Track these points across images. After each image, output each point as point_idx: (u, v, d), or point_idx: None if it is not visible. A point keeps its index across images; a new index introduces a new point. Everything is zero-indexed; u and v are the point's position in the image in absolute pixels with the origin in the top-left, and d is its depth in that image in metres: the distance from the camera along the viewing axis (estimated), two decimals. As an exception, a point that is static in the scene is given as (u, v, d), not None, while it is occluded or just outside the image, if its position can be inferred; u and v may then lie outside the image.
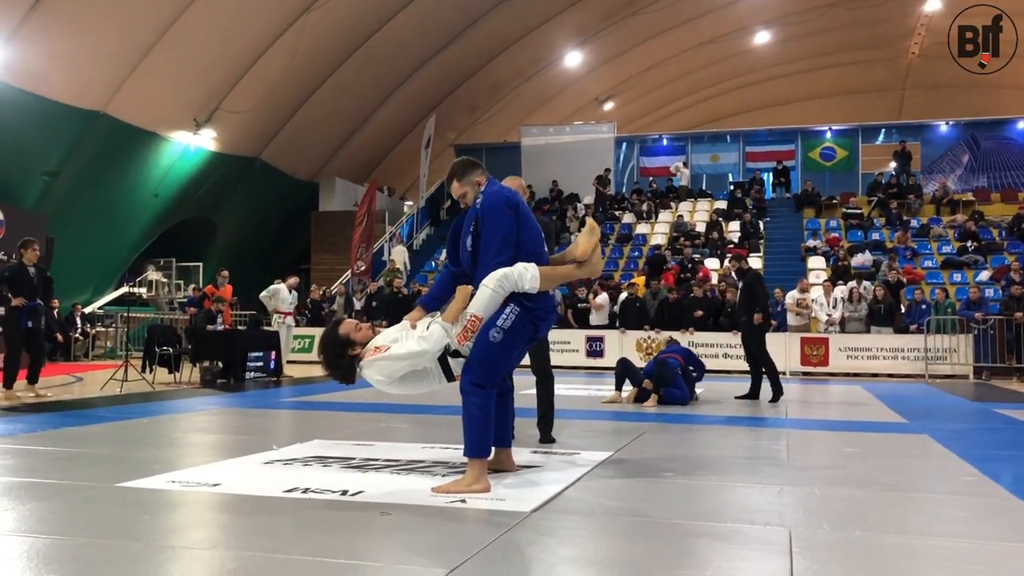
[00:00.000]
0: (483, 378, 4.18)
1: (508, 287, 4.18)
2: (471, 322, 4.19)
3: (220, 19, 17.46)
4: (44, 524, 3.54)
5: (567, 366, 16.65)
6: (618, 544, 3.36)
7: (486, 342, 4.19)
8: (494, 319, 4.20)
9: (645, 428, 7.01)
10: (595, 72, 29.38)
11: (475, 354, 4.21)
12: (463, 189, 4.48)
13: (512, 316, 4.21)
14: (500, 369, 4.30)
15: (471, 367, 4.20)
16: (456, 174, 4.51)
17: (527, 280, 4.19)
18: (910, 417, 8.37)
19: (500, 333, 4.18)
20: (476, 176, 4.48)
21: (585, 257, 4.50)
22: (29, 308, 9.44)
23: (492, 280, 4.17)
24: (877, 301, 16.28)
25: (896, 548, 3.35)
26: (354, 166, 26.73)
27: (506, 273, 4.18)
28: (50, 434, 6.33)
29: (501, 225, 4.27)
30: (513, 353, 4.34)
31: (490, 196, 4.35)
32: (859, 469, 5.28)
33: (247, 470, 4.81)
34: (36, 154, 16.74)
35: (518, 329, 4.23)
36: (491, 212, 4.29)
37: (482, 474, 4.18)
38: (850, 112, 29.59)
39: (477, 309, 4.19)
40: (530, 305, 4.26)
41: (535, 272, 4.23)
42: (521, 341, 4.32)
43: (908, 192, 22.51)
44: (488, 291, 4.16)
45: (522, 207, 4.40)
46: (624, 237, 22.78)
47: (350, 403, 9.10)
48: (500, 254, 4.24)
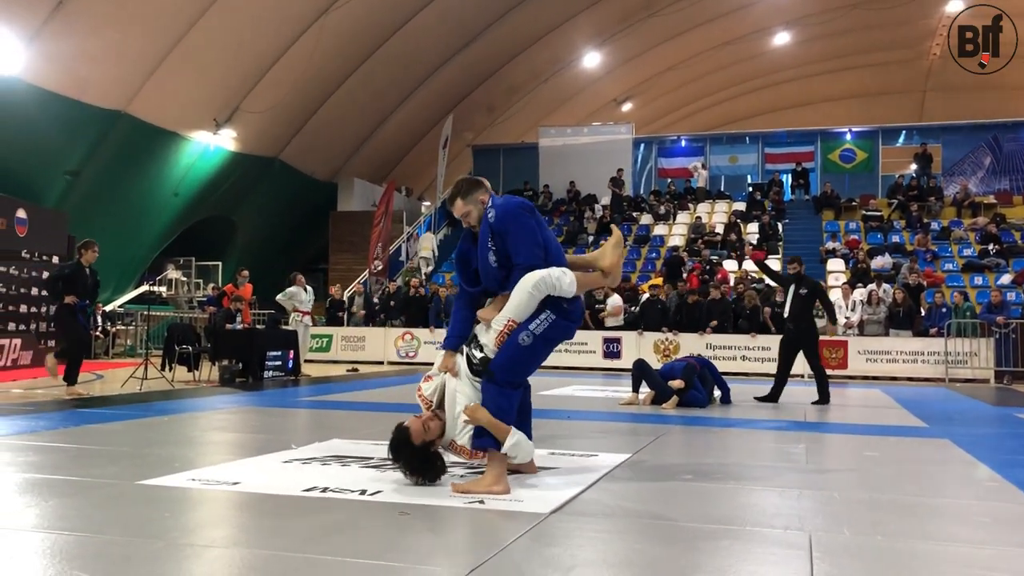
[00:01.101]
0: (504, 379, 4.17)
1: (545, 289, 4.14)
2: (507, 326, 4.17)
3: (240, 20, 17.56)
4: (66, 521, 3.56)
5: (584, 367, 16.64)
6: (637, 547, 3.35)
7: (515, 345, 4.16)
8: (527, 323, 4.17)
9: (663, 431, 6.99)
10: (613, 73, 29.33)
11: (501, 355, 4.18)
12: (467, 208, 4.39)
13: (547, 323, 4.17)
14: (523, 373, 4.30)
15: (495, 367, 4.18)
16: (460, 192, 4.43)
17: (565, 283, 4.16)
18: (931, 421, 8.30)
19: (530, 337, 4.15)
20: (480, 195, 4.40)
21: (612, 269, 4.51)
22: (79, 307, 9.58)
23: (529, 283, 4.13)
24: (896, 304, 16.16)
25: (918, 554, 3.32)
26: (372, 166, 26.81)
27: (544, 276, 4.14)
28: (71, 431, 6.38)
29: (525, 228, 4.24)
30: (540, 358, 4.32)
31: (503, 205, 4.32)
32: (879, 473, 5.24)
33: (266, 469, 4.83)
34: (58, 153, 16.89)
35: (549, 336, 4.21)
36: (511, 218, 4.26)
37: (502, 475, 4.17)
38: (870, 114, 29.40)
39: (513, 313, 4.16)
40: (567, 308, 4.23)
41: (572, 276, 4.21)
42: (550, 348, 4.30)
43: (929, 194, 22.35)
44: (526, 294, 4.13)
45: (536, 212, 4.40)
46: (642, 238, 22.73)
47: (368, 403, 9.13)
48: (532, 256, 4.21)
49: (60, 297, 9.48)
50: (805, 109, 32.61)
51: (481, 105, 27.75)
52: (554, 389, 11.59)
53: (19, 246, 14.38)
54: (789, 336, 10.20)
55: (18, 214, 14.40)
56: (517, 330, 4.17)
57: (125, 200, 19.00)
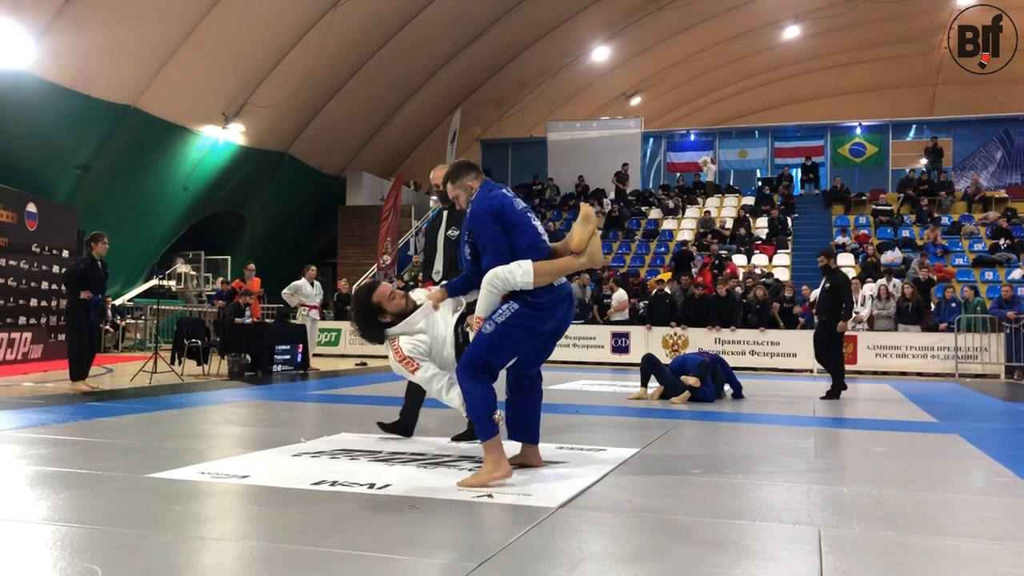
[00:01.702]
0: (470, 365, 4.28)
1: (500, 285, 4.27)
2: (474, 323, 4.37)
3: (249, 14, 17.57)
4: (77, 513, 3.58)
5: (592, 362, 16.64)
6: (645, 541, 3.35)
7: (479, 334, 4.32)
8: (492, 314, 4.33)
9: (671, 425, 6.99)
10: (622, 67, 29.25)
11: (471, 346, 4.35)
12: (456, 191, 4.62)
13: (508, 312, 4.29)
14: (492, 361, 4.32)
15: (464, 358, 4.33)
16: (450, 177, 4.66)
17: (518, 276, 4.26)
18: (940, 416, 8.28)
19: (491, 325, 4.29)
20: (469, 180, 4.58)
21: (581, 247, 4.44)
22: (94, 302, 9.56)
23: (485, 281, 4.31)
24: (906, 299, 16.10)
25: (928, 549, 3.31)
26: (381, 161, 26.82)
27: (496, 272, 4.28)
28: (81, 424, 6.41)
29: (488, 234, 4.36)
30: (508, 347, 4.35)
31: (475, 207, 4.42)
32: (889, 468, 5.23)
33: (275, 462, 4.84)
34: (68, 148, 16.94)
35: (513, 324, 4.29)
36: (477, 223, 4.40)
37: (501, 459, 4.23)
38: (880, 108, 29.23)
39: (479, 310, 4.35)
40: (533, 300, 4.31)
41: (527, 267, 4.27)
42: (520, 337, 4.34)
43: (939, 189, 22.25)
44: (484, 291, 4.31)
45: (507, 213, 4.37)
46: (650, 233, 22.70)
47: (376, 396, 9.15)
48: (493, 262, 4.33)
49: (77, 293, 9.46)
50: (815, 103, 32.46)
51: (490, 99, 27.72)
52: (562, 383, 11.60)
53: (29, 240, 14.44)
54: (818, 329, 10.35)
55: (28, 208, 14.46)
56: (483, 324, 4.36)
57: (135, 194, 19.05)
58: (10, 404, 7.80)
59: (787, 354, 15.88)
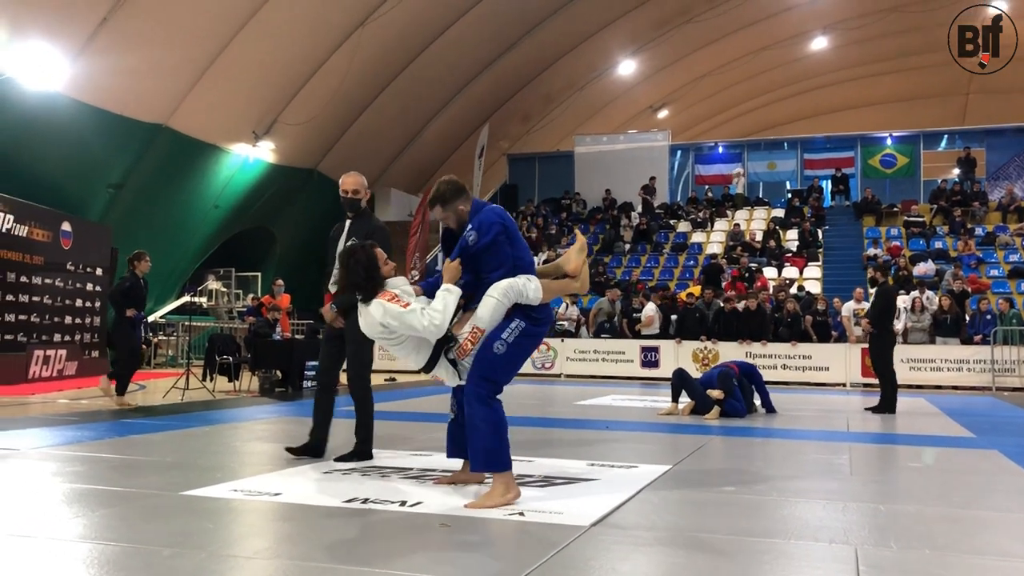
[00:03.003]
0: (488, 391, 4.22)
1: (514, 297, 4.22)
2: (473, 334, 4.22)
3: (278, 34, 17.76)
4: (113, 531, 3.61)
5: (621, 376, 16.55)
6: (678, 561, 3.32)
7: (490, 355, 4.21)
8: (499, 332, 4.23)
9: (703, 441, 6.92)
10: (649, 80, 29.23)
11: (479, 367, 4.22)
12: (446, 214, 4.52)
13: (517, 331, 4.25)
14: (502, 381, 4.33)
15: (475, 381, 4.22)
16: (441, 199, 4.51)
17: (531, 291, 4.25)
18: (978, 431, 8.14)
19: (504, 346, 4.22)
20: (460, 203, 4.48)
21: (578, 272, 4.58)
22: (138, 319, 9.91)
23: (497, 290, 4.20)
24: (943, 311, 15.87)
25: (968, 568, 3.25)
26: (409, 176, 26.95)
27: (511, 283, 4.22)
28: (115, 442, 6.47)
29: (500, 249, 4.30)
30: (516, 365, 4.37)
31: (486, 220, 4.34)
32: (926, 485, 5.15)
33: (307, 480, 4.86)
34: (101, 167, 17.18)
35: (521, 343, 4.28)
36: (489, 237, 4.30)
37: (510, 483, 4.20)
38: (911, 118, 28.95)
39: (481, 321, 4.21)
40: (536, 316, 4.32)
41: (538, 283, 4.30)
42: (524, 354, 4.35)
43: (973, 199, 21.96)
44: (493, 301, 4.19)
45: (512, 228, 4.40)
46: (679, 246, 22.60)
47: (406, 412, 9.15)
48: (500, 276, 4.27)
49: (123, 311, 9.73)
50: (844, 114, 32.20)
51: (517, 114, 27.79)
52: (592, 399, 11.55)
53: (64, 258, 14.64)
54: (870, 342, 10.57)
55: (63, 227, 14.68)
56: (488, 339, 4.21)
57: (166, 212, 19.28)
58: (46, 421, 7.90)
59: (820, 368, 15.71)
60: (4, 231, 13.12)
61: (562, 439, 7.10)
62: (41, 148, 15.65)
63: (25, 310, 13.61)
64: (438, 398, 10.98)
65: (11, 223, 13.27)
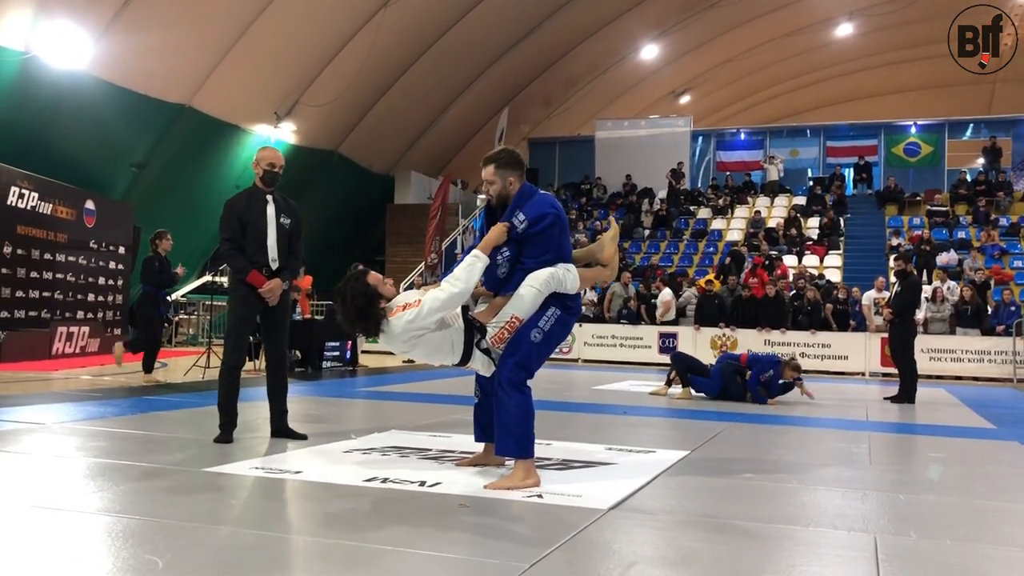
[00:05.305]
0: (521, 378, 4.22)
1: (554, 286, 4.22)
2: (510, 323, 4.20)
3: (301, 14, 17.76)
4: (137, 506, 3.65)
5: (639, 362, 16.54)
6: (697, 545, 3.32)
7: (528, 343, 4.21)
8: (535, 320, 4.22)
9: (721, 428, 6.92)
10: (671, 65, 29.02)
11: (514, 355, 4.21)
12: (493, 179, 4.35)
13: (553, 319, 4.26)
14: (535, 368, 4.34)
15: (510, 368, 4.21)
16: (498, 160, 4.37)
17: (570, 281, 4.26)
18: (999, 423, 8.09)
19: (541, 334, 4.23)
20: (512, 176, 4.37)
21: (610, 261, 4.63)
22: (161, 297, 10.13)
23: (538, 280, 4.19)
24: (964, 302, 15.74)
25: (989, 559, 3.24)
26: (429, 159, 26.95)
27: (552, 273, 4.21)
28: (138, 418, 6.54)
29: (552, 234, 4.27)
30: (549, 353, 4.40)
31: (543, 204, 4.30)
32: (946, 475, 5.13)
33: (327, 459, 4.90)
34: (125, 146, 17.28)
35: (556, 331, 4.29)
36: (545, 220, 4.25)
37: (531, 468, 4.22)
38: (936, 106, 28.61)
39: (519, 310, 4.20)
40: (570, 305, 4.33)
41: (576, 273, 4.32)
42: (557, 342, 4.37)
43: (997, 189, 21.72)
44: (534, 291, 4.19)
45: (563, 219, 4.38)
46: (699, 233, 22.50)
47: (425, 394, 9.20)
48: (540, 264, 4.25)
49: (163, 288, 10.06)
50: (868, 101, 31.87)
51: (538, 97, 27.68)
52: (610, 383, 11.56)
53: (88, 236, 14.78)
54: (890, 331, 10.63)
55: (87, 205, 14.80)
56: (524, 327, 4.20)
57: (188, 192, 19.38)
58: (69, 396, 8.00)
59: (839, 356, 15.64)
60: (29, 208, 13.25)
61: (580, 423, 7.11)
62: (65, 126, 15.75)
63: (49, 287, 13.76)
64: (453, 380, 11.02)
65: (36, 200, 13.40)
